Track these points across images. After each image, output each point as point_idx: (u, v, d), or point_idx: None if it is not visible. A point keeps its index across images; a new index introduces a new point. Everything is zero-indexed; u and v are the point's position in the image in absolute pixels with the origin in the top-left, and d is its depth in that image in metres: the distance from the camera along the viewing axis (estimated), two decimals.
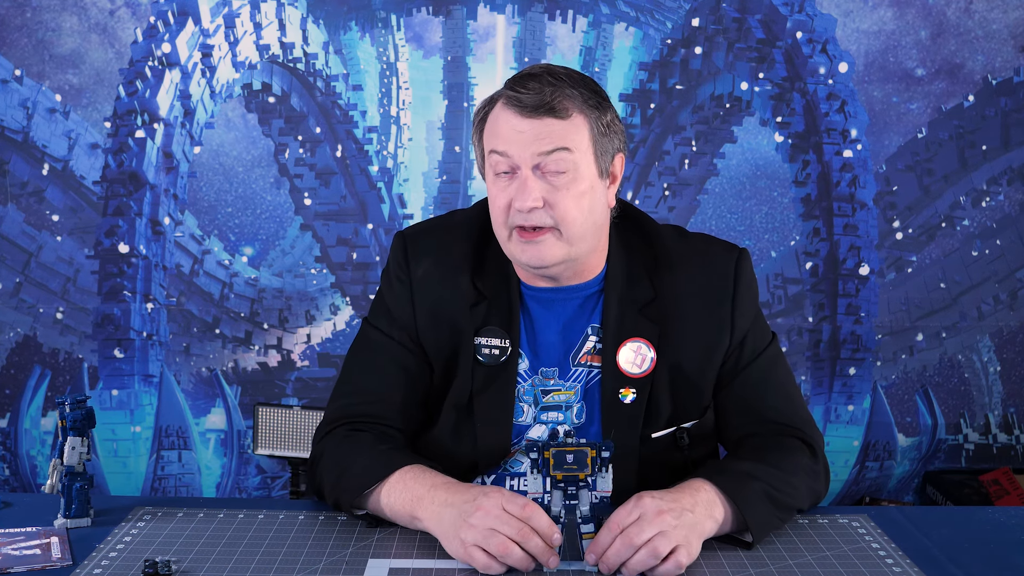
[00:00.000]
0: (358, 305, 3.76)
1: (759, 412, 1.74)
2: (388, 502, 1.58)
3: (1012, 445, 3.90)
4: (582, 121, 1.64)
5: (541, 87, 1.63)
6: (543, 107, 1.61)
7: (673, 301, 1.73)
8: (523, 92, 1.62)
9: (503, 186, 1.65)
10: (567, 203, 1.63)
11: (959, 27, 3.71)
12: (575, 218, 1.64)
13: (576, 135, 1.63)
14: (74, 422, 1.60)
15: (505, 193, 1.65)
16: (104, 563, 1.47)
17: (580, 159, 1.63)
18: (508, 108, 1.64)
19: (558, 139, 1.62)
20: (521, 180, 1.63)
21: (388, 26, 3.70)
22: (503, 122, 1.64)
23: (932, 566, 1.49)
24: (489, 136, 1.67)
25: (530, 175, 1.62)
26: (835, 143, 3.72)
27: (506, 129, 1.64)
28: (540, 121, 1.62)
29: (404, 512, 1.56)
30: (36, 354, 3.70)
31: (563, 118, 1.62)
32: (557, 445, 1.44)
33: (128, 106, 3.62)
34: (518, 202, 1.62)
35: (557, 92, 1.63)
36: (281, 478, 3.76)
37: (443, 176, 3.75)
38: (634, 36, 3.71)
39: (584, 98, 1.65)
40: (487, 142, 1.68)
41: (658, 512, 1.45)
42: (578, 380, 1.74)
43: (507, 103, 1.64)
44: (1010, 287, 3.84)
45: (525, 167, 1.62)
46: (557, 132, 1.62)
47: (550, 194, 1.62)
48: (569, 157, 1.62)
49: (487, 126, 1.68)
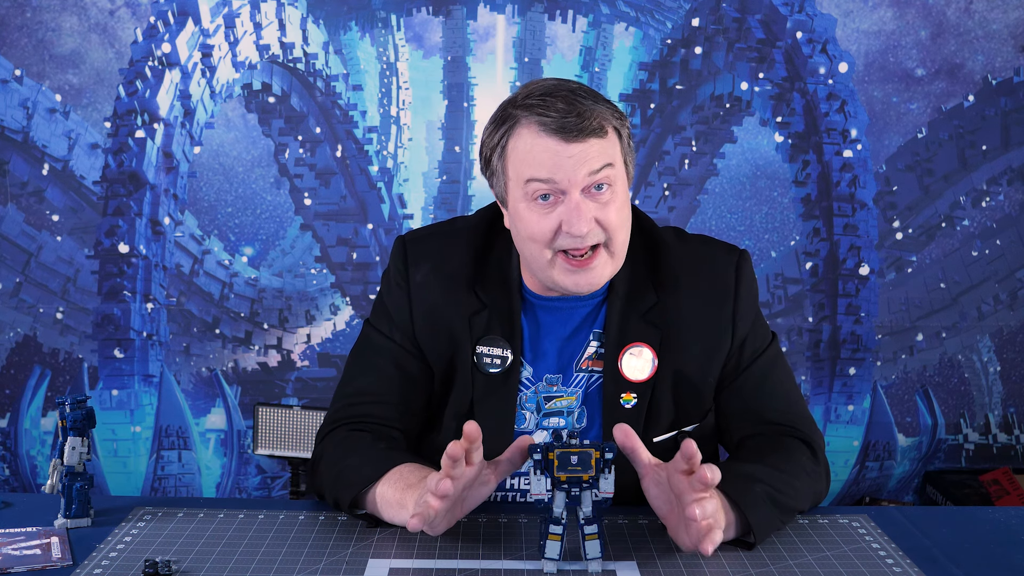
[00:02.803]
0: (358, 305, 3.76)
1: (759, 413, 1.74)
2: (382, 491, 1.57)
3: (1012, 445, 3.90)
4: (614, 136, 1.64)
5: (573, 108, 1.59)
6: (586, 130, 1.59)
7: (675, 305, 1.73)
8: (557, 116, 1.59)
9: (545, 212, 1.62)
10: (614, 218, 1.63)
11: (959, 27, 3.71)
12: (622, 230, 1.65)
13: (613, 150, 1.63)
14: (74, 422, 1.60)
15: (549, 219, 1.61)
16: (104, 563, 1.47)
17: (618, 173, 1.64)
18: (546, 135, 1.59)
19: (604, 157, 1.61)
20: (572, 205, 1.60)
21: (388, 26, 3.69)
22: (543, 149, 1.60)
23: (932, 566, 1.49)
24: (522, 165, 1.62)
25: (580, 198, 1.60)
26: (835, 143, 3.72)
27: (548, 156, 1.59)
28: (585, 143, 1.59)
29: (394, 501, 1.55)
30: (36, 354, 3.70)
31: (602, 136, 1.61)
32: (561, 446, 1.43)
33: (128, 106, 3.62)
34: (574, 228, 1.60)
35: (591, 111, 1.60)
36: (281, 478, 3.75)
37: (443, 176, 3.75)
38: (634, 36, 3.71)
39: (612, 112, 1.64)
40: (518, 171, 1.63)
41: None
42: (579, 385, 1.74)
43: (543, 129, 1.60)
44: (1010, 287, 3.84)
45: (574, 191, 1.60)
46: (602, 151, 1.61)
47: (599, 212, 1.62)
48: (612, 173, 1.62)
49: (514, 154, 1.63)
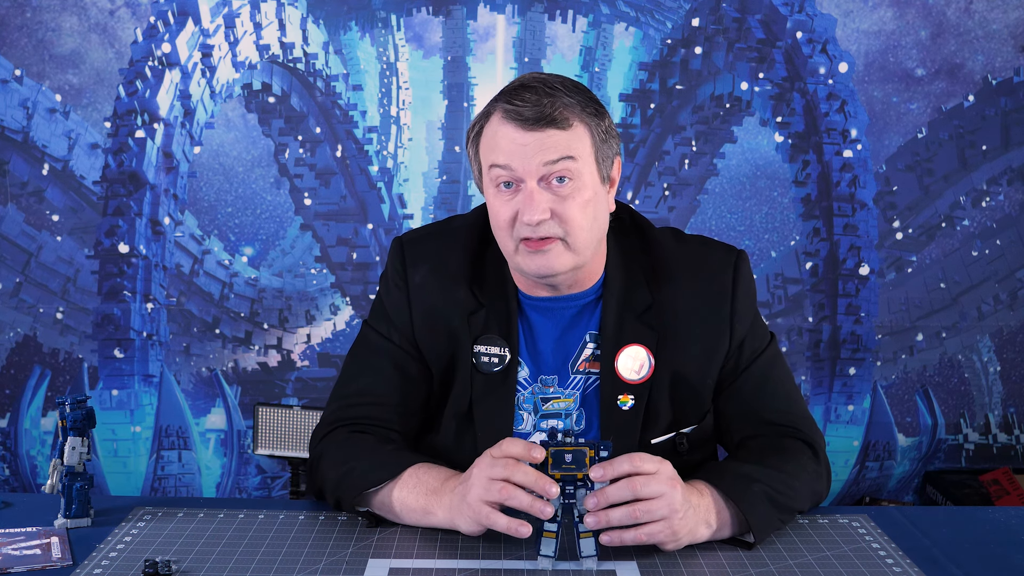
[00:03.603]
0: (358, 305, 3.76)
1: (759, 414, 1.74)
2: (400, 496, 1.57)
3: (1012, 445, 3.90)
4: (583, 130, 1.62)
5: (539, 98, 1.60)
6: (544, 119, 1.59)
7: (671, 307, 1.72)
8: (521, 105, 1.60)
9: (506, 200, 1.63)
10: (573, 212, 1.61)
11: (959, 27, 3.71)
12: (582, 227, 1.62)
13: (578, 144, 1.61)
14: (74, 422, 1.60)
15: (509, 206, 1.62)
16: (104, 563, 1.47)
17: (583, 167, 1.62)
18: (508, 122, 1.61)
19: (562, 149, 1.59)
20: (527, 193, 1.60)
21: (388, 26, 3.69)
22: (502, 136, 1.61)
23: (932, 566, 1.49)
24: (487, 150, 1.64)
25: (535, 187, 1.60)
26: (835, 143, 3.72)
27: (507, 143, 1.61)
28: (543, 133, 1.59)
29: (418, 507, 1.56)
30: (36, 354, 3.70)
31: (564, 128, 1.60)
32: (556, 444, 1.44)
33: (128, 106, 3.62)
34: (526, 215, 1.60)
35: (556, 102, 1.60)
36: (281, 478, 3.75)
37: (443, 176, 3.75)
38: (634, 36, 3.71)
39: (582, 105, 1.62)
40: (485, 156, 1.65)
41: (673, 481, 1.46)
42: (576, 387, 1.74)
43: (505, 116, 1.61)
44: (1010, 287, 3.84)
45: (530, 179, 1.60)
46: (561, 142, 1.60)
47: (556, 204, 1.60)
48: (573, 166, 1.60)
49: (483, 140, 1.65)
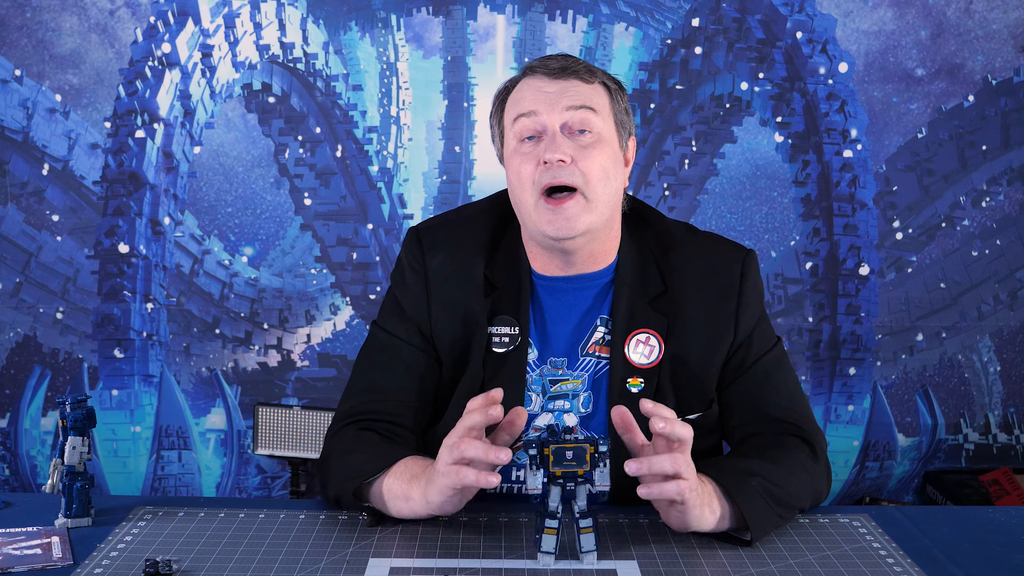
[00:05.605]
0: (358, 305, 3.76)
1: (762, 410, 1.75)
2: (388, 484, 1.58)
3: (1012, 445, 3.90)
4: (604, 92, 1.73)
5: (565, 58, 1.73)
6: (569, 70, 1.70)
7: (681, 296, 1.75)
8: (548, 61, 1.72)
9: (529, 150, 1.69)
10: (592, 163, 1.67)
11: (959, 27, 3.71)
12: (600, 179, 1.68)
13: (599, 99, 1.71)
14: (75, 422, 1.60)
15: (531, 156, 1.69)
16: (104, 563, 1.47)
17: (603, 125, 1.70)
18: (534, 76, 1.72)
19: (585, 98, 1.69)
20: (550, 137, 1.68)
21: (388, 26, 3.70)
22: (528, 88, 1.71)
23: (932, 566, 1.49)
24: (513, 105, 1.73)
25: (558, 132, 1.68)
26: (835, 143, 3.72)
27: (532, 92, 1.70)
28: (567, 82, 1.69)
29: (400, 493, 1.56)
30: (36, 354, 3.70)
31: (588, 81, 1.71)
32: (556, 442, 1.44)
33: (128, 106, 3.62)
34: (547, 154, 1.66)
35: (581, 63, 1.73)
36: (281, 478, 3.75)
37: (443, 176, 3.75)
38: (634, 36, 3.71)
39: (605, 76, 1.75)
40: (510, 113, 1.73)
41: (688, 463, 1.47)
42: (586, 370, 1.75)
43: (532, 73, 1.72)
44: (1010, 287, 3.84)
45: (553, 125, 1.68)
46: (583, 92, 1.70)
47: (577, 152, 1.67)
48: (595, 119, 1.69)
49: (510, 100, 1.74)
